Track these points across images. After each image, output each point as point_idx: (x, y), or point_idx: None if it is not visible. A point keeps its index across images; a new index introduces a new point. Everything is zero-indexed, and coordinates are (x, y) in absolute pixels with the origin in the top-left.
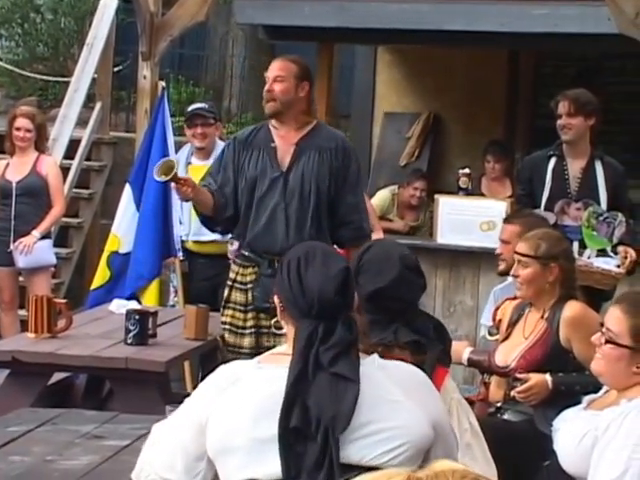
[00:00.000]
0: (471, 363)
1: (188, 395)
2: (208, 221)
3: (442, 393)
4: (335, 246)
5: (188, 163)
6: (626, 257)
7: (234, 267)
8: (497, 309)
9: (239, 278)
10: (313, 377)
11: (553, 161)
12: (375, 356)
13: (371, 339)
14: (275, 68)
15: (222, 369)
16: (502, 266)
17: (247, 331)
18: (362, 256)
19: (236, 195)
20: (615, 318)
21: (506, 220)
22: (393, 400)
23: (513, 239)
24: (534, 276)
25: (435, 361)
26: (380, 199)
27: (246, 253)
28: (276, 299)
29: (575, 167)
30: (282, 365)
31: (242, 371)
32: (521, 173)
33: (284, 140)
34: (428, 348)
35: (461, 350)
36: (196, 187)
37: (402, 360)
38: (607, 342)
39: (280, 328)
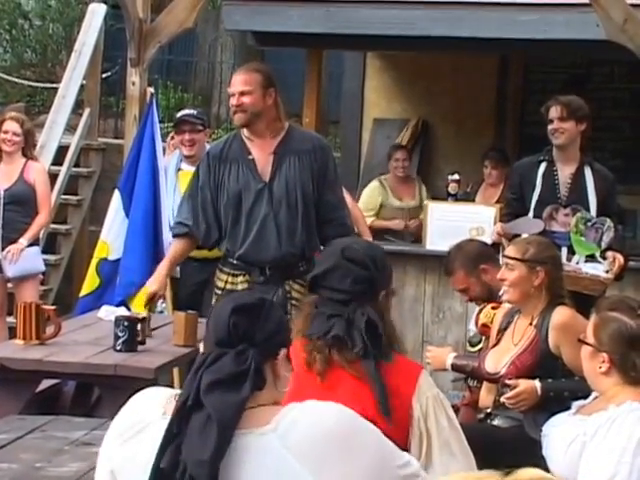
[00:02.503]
0: (455, 368)
1: None
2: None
3: (417, 392)
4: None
5: (178, 169)
6: (614, 262)
7: (222, 275)
8: (479, 312)
9: (229, 287)
10: (190, 411)
11: (543, 166)
12: (279, 420)
13: (310, 332)
14: (240, 82)
15: (126, 415)
16: (482, 306)
17: None
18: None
19: (217, 215)
20: (591, 319)
21: (447, 273)
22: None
23: (468, 282)
24: (520, 279)
25: (373, 368)
26: (369, 191)
27: (235, 262)
28: None
29: (565, 172)
30: None
31: (147, 420)
32: (511, 178)
33: (261, 150)
34: (356, 343)
35: (445, 356)
36: (162, 283)
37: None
38: (579, 340)
39: None
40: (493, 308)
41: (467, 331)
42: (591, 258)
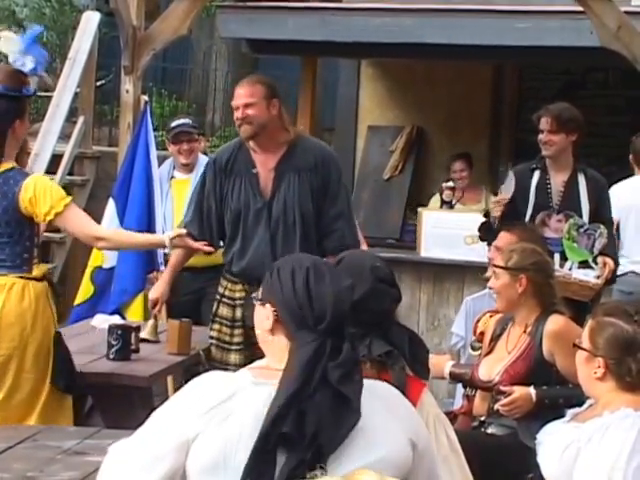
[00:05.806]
0: (453, 377)
1: None
2: None
3: (419, 407)
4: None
5: (171, 177)
6: (605, 267)
7: (223, 282)
8: (478, 321)
9: (227, 293)
10: (314, 392)
11: (537, 175)
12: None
13: None
14: (242, 95)
15: (208, 383)
16: (490, 272)
17: (234, 347)
18: None
19: (221, 225)
20: (587, 325)
21: (506, 229)
22: (382, 423)
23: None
24: (504, 287)
25: (404, 374)
26: (431, 204)
27: (235, 272)
28: (268, 307)
29: (558, 180)
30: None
31: (237, 385)
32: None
33: (264, 164)
34: (398, 360)
35: (442, 364)
36: (163, 290)
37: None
38: (574, 345)
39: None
40: (491, 316)
41: (451, 333)
42: (584, 264)
